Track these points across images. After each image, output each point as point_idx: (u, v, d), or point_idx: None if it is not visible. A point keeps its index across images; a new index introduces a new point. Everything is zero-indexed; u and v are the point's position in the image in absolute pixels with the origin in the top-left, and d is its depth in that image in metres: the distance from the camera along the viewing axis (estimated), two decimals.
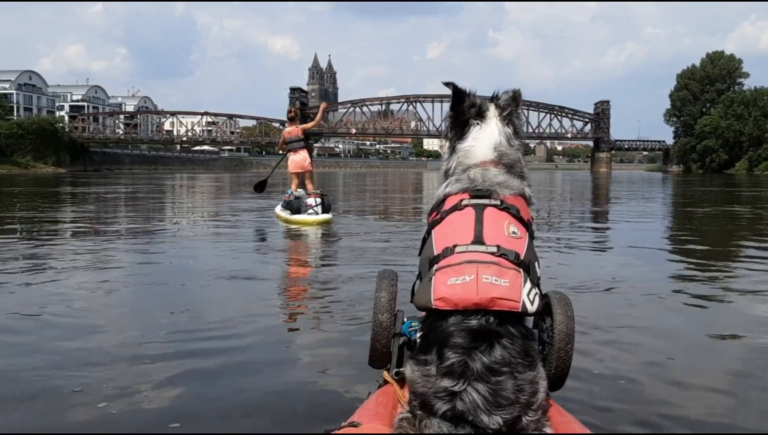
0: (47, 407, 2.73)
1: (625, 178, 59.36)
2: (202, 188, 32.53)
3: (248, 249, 8.27)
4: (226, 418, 2.64)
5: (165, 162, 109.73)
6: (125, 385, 2.96)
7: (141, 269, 6.52)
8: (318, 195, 11.21)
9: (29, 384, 2.97)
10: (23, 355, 3.45)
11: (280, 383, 3.05)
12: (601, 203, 20.89)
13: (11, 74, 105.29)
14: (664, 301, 4.91)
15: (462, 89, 2.08)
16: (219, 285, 5.51)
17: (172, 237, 9.76)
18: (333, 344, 3.71)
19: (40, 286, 5.32)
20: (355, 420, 1.81)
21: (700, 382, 3.11)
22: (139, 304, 4.93)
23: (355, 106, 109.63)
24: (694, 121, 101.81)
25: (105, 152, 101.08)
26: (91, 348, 3.58)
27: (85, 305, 4.67)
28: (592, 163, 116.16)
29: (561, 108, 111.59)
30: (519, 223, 1.93)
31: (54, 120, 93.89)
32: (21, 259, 7.04)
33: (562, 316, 1.99)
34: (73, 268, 6.24)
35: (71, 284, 5.40)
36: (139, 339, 3.78)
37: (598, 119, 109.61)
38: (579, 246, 8.46)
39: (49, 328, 3.99)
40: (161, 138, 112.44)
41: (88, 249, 7.91)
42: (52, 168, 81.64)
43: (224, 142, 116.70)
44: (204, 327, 4.02)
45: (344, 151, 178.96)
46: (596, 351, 3.45)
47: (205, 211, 15.99)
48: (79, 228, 11.08)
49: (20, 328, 4.00)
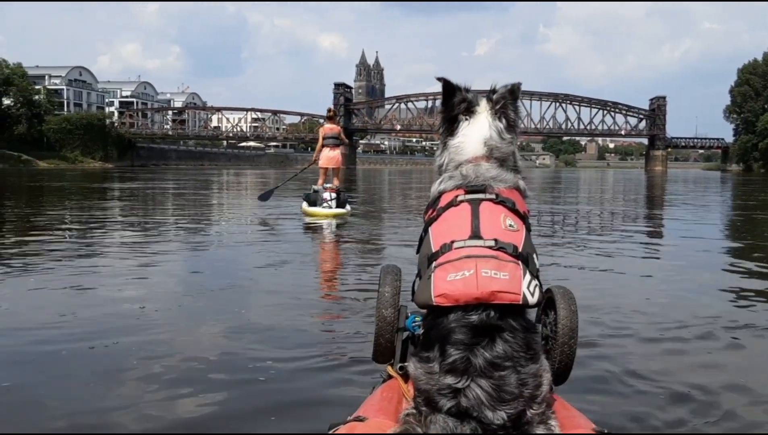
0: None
1: (684, 178, 58.07)
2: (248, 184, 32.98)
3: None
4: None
5: (211, 158, 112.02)
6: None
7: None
8: (333, 190, 12.12)
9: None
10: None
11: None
12: (674, 209, 18.16)
13: (62, 70, 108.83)
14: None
15: (453, 84, 2.06)
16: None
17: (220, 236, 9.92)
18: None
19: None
20: (361, 414, 1.83)
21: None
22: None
23: (400, 102, 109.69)
24: (756, 118, 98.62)
25: (152, 148, 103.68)
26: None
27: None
28: (646, 161, 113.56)
29: (614, 104, 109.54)
30: (515, 216, 1.93)
31: (102, 115, 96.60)
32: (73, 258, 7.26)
33: (566, 310, 2.01)
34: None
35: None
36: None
37: (654, 116, 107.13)
38: (672, 266, 7.07)
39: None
40: (207, 134, 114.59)
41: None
42: (100, 163, 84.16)
43: (269, 138, 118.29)
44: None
45: (390, 148, 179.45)
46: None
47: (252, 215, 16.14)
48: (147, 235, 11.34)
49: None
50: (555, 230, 10.93)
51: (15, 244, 8.17)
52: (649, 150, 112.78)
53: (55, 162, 77.19)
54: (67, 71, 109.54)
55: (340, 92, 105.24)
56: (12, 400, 2.91)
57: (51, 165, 73.74)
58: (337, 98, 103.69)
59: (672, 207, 18.73)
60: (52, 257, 6.91)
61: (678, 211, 16.87)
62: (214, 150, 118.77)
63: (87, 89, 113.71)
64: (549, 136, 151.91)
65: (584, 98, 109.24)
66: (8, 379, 3.13)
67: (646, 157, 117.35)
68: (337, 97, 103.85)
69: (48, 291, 5.13)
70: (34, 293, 5.09)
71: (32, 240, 8.41)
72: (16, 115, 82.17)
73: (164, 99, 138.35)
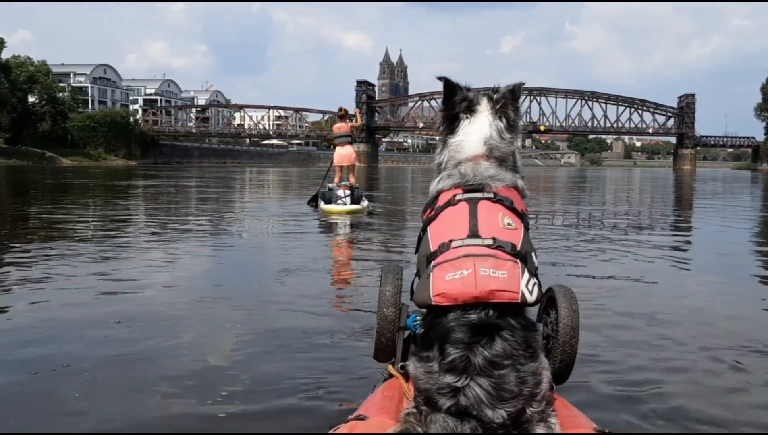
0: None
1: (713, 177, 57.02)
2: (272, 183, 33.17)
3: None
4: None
5: (234, 155, 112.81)
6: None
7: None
8: (347, 187, 12.60)
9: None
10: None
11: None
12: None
13: (87, 68, 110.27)
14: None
15: (454, 83, 2.08)
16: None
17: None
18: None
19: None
20: (362, 413, 1.84)
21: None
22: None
23: (423, 99, 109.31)
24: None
25: (175, 145, 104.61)
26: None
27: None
28: (674, 160, 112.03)
29: (642, 101, 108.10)
30: (513, 215, 1.95)
31: (126, 113, 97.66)
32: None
33: (567, 309, 2.05)
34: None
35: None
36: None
37: (683, 114, 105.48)
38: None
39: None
40: (230, 132, 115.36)
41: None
42: (123, 160, 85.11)
43: (291, 136, 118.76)
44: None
45: (413, 146, 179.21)
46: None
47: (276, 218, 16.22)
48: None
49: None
50: (604, 233, 10.43)
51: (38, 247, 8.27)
52: (677, 148, 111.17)
53: (78, 159, 78.23)
54: (91, 69, 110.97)
55: (362, 90, 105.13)
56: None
57: (74, 162, 74.72)
58: (359, 96, 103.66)
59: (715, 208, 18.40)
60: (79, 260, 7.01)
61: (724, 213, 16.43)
62: (237, 147, 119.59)
63: (111, 87, 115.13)
64: (574, 134, 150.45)
65: (611, 95, 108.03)
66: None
67: (674, 155, 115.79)
68: (359, 95, 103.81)
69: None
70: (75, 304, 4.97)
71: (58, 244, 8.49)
72: (40, 112, 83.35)
73: (188, 97, 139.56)
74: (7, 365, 3.34)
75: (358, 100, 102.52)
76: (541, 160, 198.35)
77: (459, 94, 2.07)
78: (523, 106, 68.74)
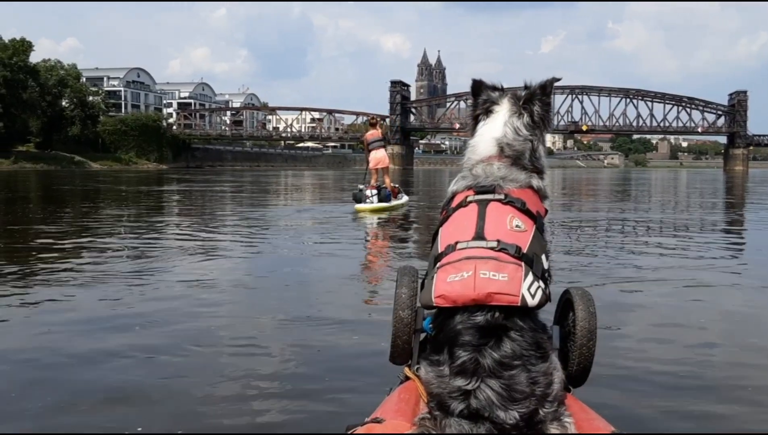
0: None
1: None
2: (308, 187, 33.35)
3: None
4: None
5: (267, 159, 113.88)
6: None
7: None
8: (374, 187, 14.34)
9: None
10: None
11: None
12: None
13: (120, 71, 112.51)
14: None
15: (480, 83, 2.12)
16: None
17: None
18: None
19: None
20: (378, 416, 1.86)
21: None
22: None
23: (459, 100, 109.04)
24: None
25: (207, 149, 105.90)
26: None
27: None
28: (725, 160, 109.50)
29: (690, 99, 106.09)
30: (525, 216, 1.94)
31: (157, 117, 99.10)
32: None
33: (584, 312, 2.05)
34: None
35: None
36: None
37: (734, 112, 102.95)
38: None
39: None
40: (263, 134, 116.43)
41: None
42: (154, 164, 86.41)
43: (325, 138, 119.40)
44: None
45: (450, 148, 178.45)
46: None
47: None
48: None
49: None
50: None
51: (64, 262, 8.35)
52: (728, 148, 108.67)
53: (108, 163, 79.51)
54: (125, 72, 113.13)
55: (397, 90, 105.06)
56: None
57: (104, 166, 75.91)
58: (393, 96, 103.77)
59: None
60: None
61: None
62: (271, 151, 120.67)
63: (145, 90, 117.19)
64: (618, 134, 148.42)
65: (657, 93, 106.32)
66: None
67: (724, 155, 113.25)
68: (393, 95, 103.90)
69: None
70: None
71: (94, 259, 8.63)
72: (70, 116, 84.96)
73: (222, 100, 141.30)
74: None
75: (392, 100, 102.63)
76: (583, 162, 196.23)
77: (483, 94, 2.11)
78: (564, 105, 66.82)
